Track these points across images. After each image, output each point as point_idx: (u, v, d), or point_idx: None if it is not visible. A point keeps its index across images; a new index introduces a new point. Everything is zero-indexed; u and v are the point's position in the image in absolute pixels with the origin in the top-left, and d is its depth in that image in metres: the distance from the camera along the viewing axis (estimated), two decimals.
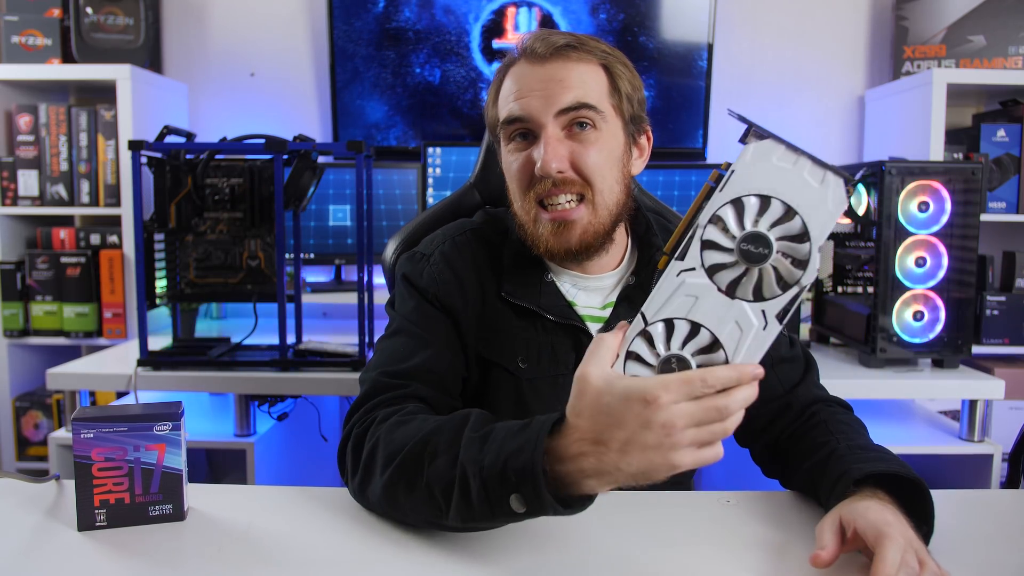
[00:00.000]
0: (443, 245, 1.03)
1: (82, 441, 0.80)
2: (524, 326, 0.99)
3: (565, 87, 0.92)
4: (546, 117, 0.92)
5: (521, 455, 0.68)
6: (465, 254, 1.02)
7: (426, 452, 0.77)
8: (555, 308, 0.99)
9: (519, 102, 0.93)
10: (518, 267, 1.00)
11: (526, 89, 0.93)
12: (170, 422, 0.83)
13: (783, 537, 0.82)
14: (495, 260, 1.02)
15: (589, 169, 0.93)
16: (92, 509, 0.81)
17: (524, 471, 0.67)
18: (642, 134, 1.01)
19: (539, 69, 0.93)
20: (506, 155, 0.99)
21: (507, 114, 0.95)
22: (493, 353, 0.99)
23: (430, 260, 1.01)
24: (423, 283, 1.00)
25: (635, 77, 0.98)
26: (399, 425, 0.83)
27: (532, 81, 0.93)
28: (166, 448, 0.83)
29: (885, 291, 1.70)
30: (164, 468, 0.83)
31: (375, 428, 0.85)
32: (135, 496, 0.82)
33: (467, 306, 0.99)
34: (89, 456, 0.81)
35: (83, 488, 0.81)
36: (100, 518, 0.81)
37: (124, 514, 0.82)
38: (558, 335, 0.99)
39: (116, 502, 0.81)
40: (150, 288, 1.68)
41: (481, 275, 1.01)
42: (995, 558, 0.77)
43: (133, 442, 0.82)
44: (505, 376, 0.99)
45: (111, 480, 0.81)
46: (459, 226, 1.07)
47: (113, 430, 0.81)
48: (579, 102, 0.92)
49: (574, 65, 0.93)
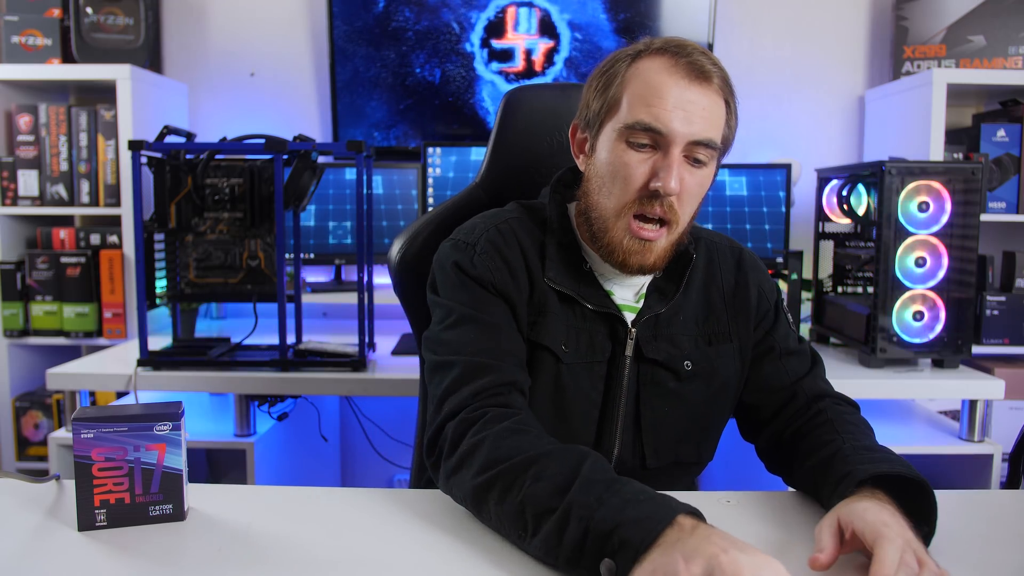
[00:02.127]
0: (488, 232, 1.02)
1: (82, 441, 0.80)
2: (567, 311, 1.00)
3: (705, 119, 0.92)
4: (681, 140, 0.91)
5: (637, 528, 0.68)
6: (511, 241, 1.01)
7: (531, 470, 0.77)
8: (594, 297, 1.00)
9: (665, 114, 0.91)
10: (560, 255, 1.01)
11: (673, 103, 0.91)
12: (170, 422, 0.83)
13: (783, 537, 0.82)
14: (538, 247, 1.02)
15: (686, 200, 0.94)
16: (92, 509, 0.81)
17: (627, 544, 0.67)
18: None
19: (689, 88, 0.92)
20: (616, 151, 0.95)
21: (646, 120, 0.91)
22: (541, 336, 0.99)
23: (477, 248, 1.00)
24: (477, 271, 0.98)
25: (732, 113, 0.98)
26: (512, 433, 0.83)
27: (680, 98, 0.91)
28: (166, 448, 0.83)
29: (885, 291, 1.70)
30: (164, 468, 0.83)
31: (484, 425, 0.84)
32: (135, 496, 0.82)
33: (520, 291, 0.99)
34: (89, 456, 0.80)
35: (83, 488, 0.81)
36: (100, 518, 0.81)
37: (124, 514, 0.82)
38: (596, 323, 1.00)
39: (116, 502, 0.81)
40: (150, 288, 1.68)
41: (528, 260, 1.01)
42: (995, 558, 0.77)
43: (133, 442, 0.82)
44: (549, 359, 0.99)
45: (111, 480, 0.81)
46: (497, 215, 1.06)
47: (113, 430, 0.81)
48: (710, 139, 0.92)
49: (713, 96, 0.93)
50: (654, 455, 1.02)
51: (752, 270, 1.09)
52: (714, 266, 1.08)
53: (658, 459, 1.02)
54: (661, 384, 1.01)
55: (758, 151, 2.46)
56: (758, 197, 2.20)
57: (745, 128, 1.04)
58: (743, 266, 1.09)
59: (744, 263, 1.09)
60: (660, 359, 1.01)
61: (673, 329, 1.02)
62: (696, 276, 1.06)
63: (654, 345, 1.01)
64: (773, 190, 2.19)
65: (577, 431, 1.00)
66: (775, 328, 1.08)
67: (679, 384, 1.02)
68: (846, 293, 2.00)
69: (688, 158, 0.93)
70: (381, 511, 0.87)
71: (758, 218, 2.21)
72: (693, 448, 1.05)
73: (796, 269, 1.96)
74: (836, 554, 0.72)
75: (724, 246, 1.10)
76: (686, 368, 1.02)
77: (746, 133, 2.48)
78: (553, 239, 1.02)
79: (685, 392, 1.02)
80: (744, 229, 2.21)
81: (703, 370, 1.03)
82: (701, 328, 1.04)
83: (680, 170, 0.92)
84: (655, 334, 1.01)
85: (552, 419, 0.99)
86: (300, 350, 1.72)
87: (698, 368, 1.02)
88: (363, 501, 0.89)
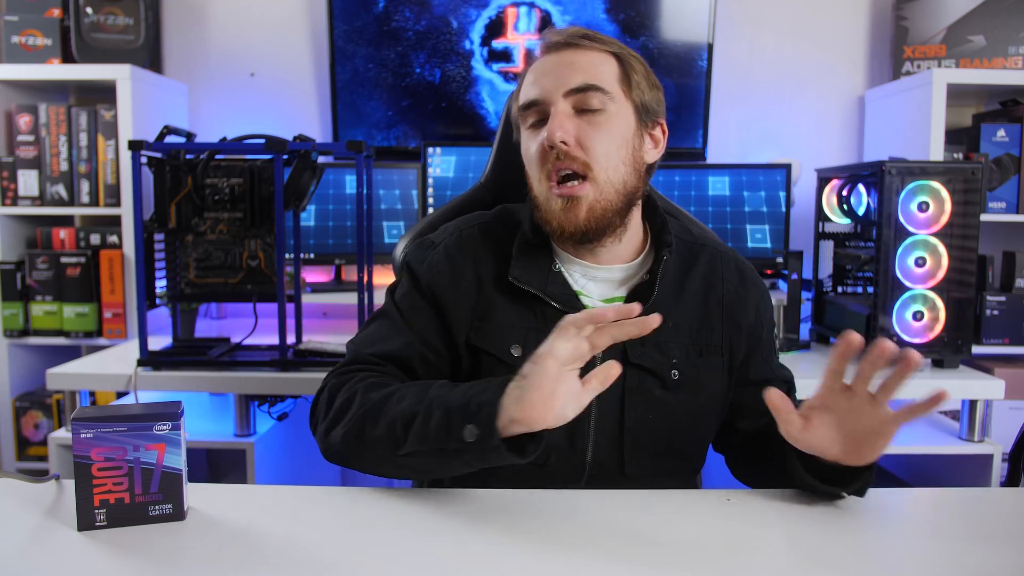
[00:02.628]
0: (449, 238, 1.07)
1: (82, 441, 0.80)
2: (524, 314, 1.01)
3: (576, 69, 0.97)
4: (556, 96, 0.96)
5: (485, 393, 0.82)
6: (468, 248, 1.05)
7: (393, 398, 0.89)
8: (561, 296, 1.00)
9: (534, 87, 0.99)
10: (527, 255, 1.03)
11: (540, 75, 0.99)
12: (169, 422, 0.82)
13: (783, 536, 0.82)
14: (502, 250, 1.04)
15: (593, 147, 0.96)
16: (92, 509, 0.81)
17: (484, 404, 0.81)
18: (656, 126, 1.03)
19: (554, 56, 0.99)
20: (524, 139, 1.02)
21: (523, 99, 1.00)
22: (484, 341, 1.01)
23: (435, 249, 1.06)
24: (421, 270, 1.05)
25: (651, 75, 1.02)
26: (377, 386, 0.93)
27: (546, 67, 0.99)
28: (166, 448, 0.83)
29: (885, 291, 1.70)
30: (164, 468, 0.83)
31: (353, 383, 0.94)
32: (135, 496, 0.82)
33: (459, 299, 1.02)
34: (89, 456, 0.80)
35: (83, 488, 0.80)
36: (100, 518, 0.81)
37: (124, 514, 0.82)
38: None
39: (116, 502, 0.81)
40: (150, 288, 1.68)
41: (481, 267, 1.03)
42: (995, 558, 0.77)
43: (133, 442, 0.82)
44: (496, 364, 1.00)
45: (111, 480, 0.81)
46: (468, 220, 1.10)
47: (113, 430, 0.81)
48: (587, 83, 0.96)
49: (586, 52, 0.98)
50: (634, 462, 1.00)
51: (754, 287, 1.09)
52: (716, 276, 1.07)
53: (638, 467, 1.00)
54: (647, 391, 1.00)
55: (758, 151, 2.46)
56: (758, 197, 2.20)
57: (745, 128, 1.05)
58: (746, 282, 1.08)
59: (747, 279, 1.09)
60: (647, 365, 1.00)
61: (663, 336, 1.00)
62: (696, 283, 1.05)
63: (641, 350, 1.00)
64: (773, 190, 2.19)
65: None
66: (764, 352, 1.08)
67: (665, 392, 1.01)
68: (846, 293, 2.00)
69: (578, 109, 0.97)
70: (381, 511, 0.87)
71: (758, 218, 2.21)
72: (674, 459, 1.04)
73: (796, 269, 1.96)
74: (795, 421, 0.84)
75: (730, 257, 1.10)
76: (673, 377, 1.01)
77: (746, 133, 2.51)
78: (523, 239, 1.04)
79: (671, 401, 1.01)
80: (744, 229, 2.21)
81: (690, 380, 1.02)
82: (694, 338, 1.03)
83: (565, 121, 0.95)
84: (643, 339, 1.00)
85: None
86: (300, 350, 1.72)
87: (685, 378, 1.01)
88: (363, 501, 0.89)
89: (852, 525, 0.84)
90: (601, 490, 0.92)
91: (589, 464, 1.00)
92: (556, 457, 0.99)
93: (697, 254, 1.08)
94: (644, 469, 1.01)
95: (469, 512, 0.86)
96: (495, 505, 0.88)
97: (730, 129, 2.47)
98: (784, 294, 2.00)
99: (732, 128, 2.48)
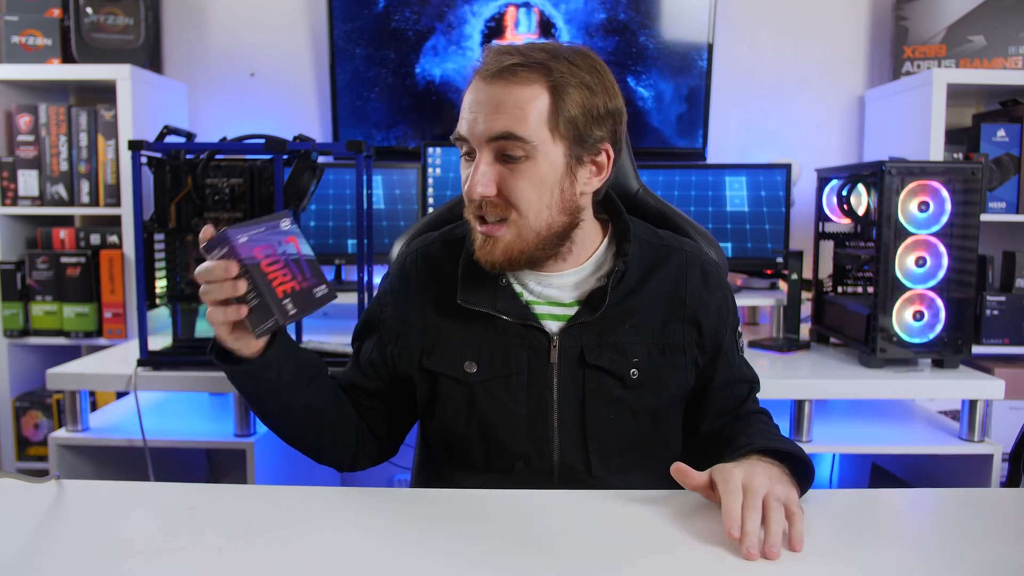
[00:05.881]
0: (406, 260, 1.10)
1: (242, 245, 0.83)
2: (477, 330, 1.02)
3: (500, 112, 0.93)
4: (480, 142, 0.94)
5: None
6: (421, 273, 1.08)
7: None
8: (511, 310, 1.01)
9: (464, 121, 0.96)
10: (474, 274, 1.03)
11: (471, 108, 0.95)
12: (287, 218, 0.88)
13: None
14: (447, 272, 1.06)
15: (514, 197, 0.95)
16: (280, 301, 0.84)
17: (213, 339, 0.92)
18: (599, 153, 0.99)
19: (485, 88, 0.94)
20: (461, 167, 1.01)
21: (456, 131, 0.98)
22: (436, 364, 1.03)
23: (401, 265, 1.11)
24: (383, 288, 1.12)
25: (594, 95, 0.95)
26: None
27: (477, 101, 0.95)
28: (296, 239, 0.87)
29: (885, 291, 1.70)
30: (304, 255, 0.87)
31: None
32: (302, 283, 0.86)
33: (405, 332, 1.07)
34: (254, 256, 0.83)
35: (264, 285, 0.83)
36: (290, 307, 0.85)
37: (302, 300, 0.86)
38: (512, 336, 1.02)
39: (292, 291, 0.85)
40: (150, 288, 1.68)
41: (431, 290, 1.06)
42: (995, 558, 0.77)
43: (275, 239, 0.86)
44: (453, 384, 1.03)
45: (280, 273, 0.85)
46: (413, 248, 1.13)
47: (258, 231, 0.85)
48: (508, 132, 0.92)
49: (514, 89, 0.93)
50: (600, 461, 1.02)
51: (717, 289, 1.09)
52: (680, 277, 1.07)
53: (605, 467, 1.02)
54: (607, 391, 1.01)
55: (758, 151, 2.46)
56: (758, 197, 2.20)
57: (745, 128, 1.05)
58: (709, 284, 1.08)
59: (710, 281, 1.08)
60: (604, 365, 1.01)
61: (621, 336, 1.02)
62: (659, 284, 1.05)
63: (598, 352, 1.01)
64: (773, 190, 2.19)
65: (507, 444, 1.02)
66: (726, 352, 1.09)
67: (625, 392, 1.02)
68: (846, 293, 2.00)
69: (501, 154, 0.95)
70: (381, 511, 0.87)
71: (758, 218, 2.21)
72: (641, 457, 1.05)
73: (796, 269, 1.96)
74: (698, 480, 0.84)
75: (695, 258, 1.09)
76: (632, 376, 1.02)
77: (746, 133, 2.51)
78: (467, 259, 1.03)
79: (631, 400, 1.02)
80: (744, 229, 2.21)
81: (652, 379, 1.03)
82: (656, 337, 1.04)
83: (489, 171, 0.95)
84: (600, 341, 1.01)
85: (478, 439, 1.02)
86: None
87: (646, 376, 1.02)
88: (363, 501, 0.90)
89: (851, 525, 0.84)
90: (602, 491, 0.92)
91: (557, 467, 1.01)
92: (523, 463, 1.01)
93: (663, 256, 1.07)
94: (611, 467, 1.02)
95: (470, 512, 0.86)
96: (495, 506, 0.88)
97: (730, 129, 2.47)
98: (784, 294, 2.00)
99: (732, 128, 2.48)
